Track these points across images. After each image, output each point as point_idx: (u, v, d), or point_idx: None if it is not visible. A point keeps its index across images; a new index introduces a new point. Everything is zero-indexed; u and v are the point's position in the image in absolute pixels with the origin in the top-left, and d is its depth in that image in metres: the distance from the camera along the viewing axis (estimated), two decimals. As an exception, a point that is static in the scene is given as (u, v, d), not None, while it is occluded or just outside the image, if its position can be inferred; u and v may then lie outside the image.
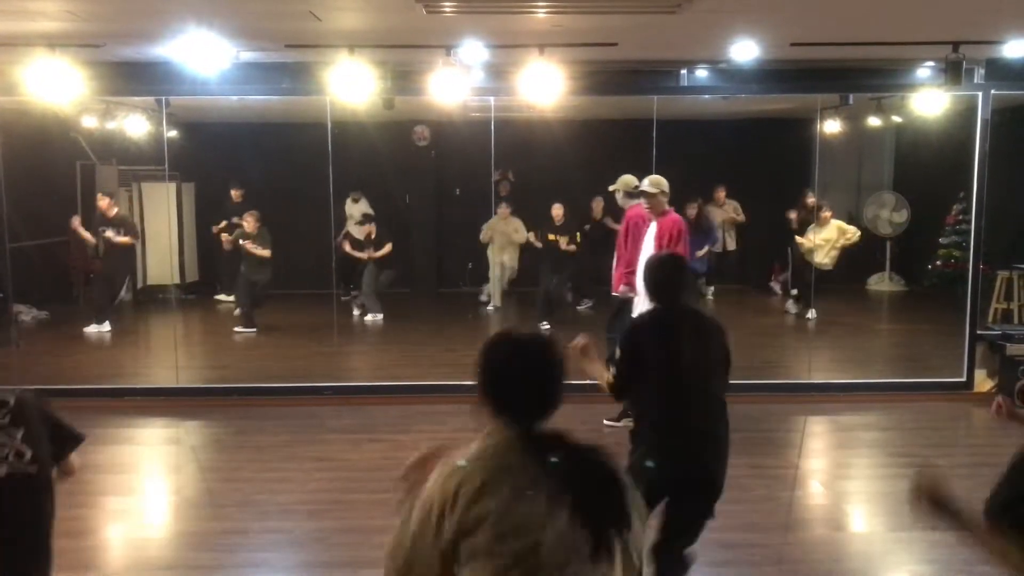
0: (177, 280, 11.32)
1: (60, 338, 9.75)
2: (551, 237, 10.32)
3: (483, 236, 10.88)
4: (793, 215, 10.72)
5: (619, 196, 6.91)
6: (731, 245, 11.70)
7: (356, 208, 11.40)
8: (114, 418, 6.73)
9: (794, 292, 10.60)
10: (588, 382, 3.15)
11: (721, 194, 11.56)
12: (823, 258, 10.16)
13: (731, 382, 3.53)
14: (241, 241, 9.77)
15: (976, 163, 7.29)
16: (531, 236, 10.77)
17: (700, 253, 10.26)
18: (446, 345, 9.72)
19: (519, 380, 1.96)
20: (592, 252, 10.28)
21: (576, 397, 2.17)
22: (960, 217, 10.35)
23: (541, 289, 10.29)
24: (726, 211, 11.55)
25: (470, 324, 10.59)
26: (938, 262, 10.84)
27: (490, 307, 11.25)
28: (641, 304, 6.26)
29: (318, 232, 10.83)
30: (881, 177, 12.96)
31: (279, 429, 6.53)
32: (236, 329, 9.84)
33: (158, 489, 5.77)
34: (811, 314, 10.21)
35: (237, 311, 10.21)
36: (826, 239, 10.14)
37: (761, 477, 5.44)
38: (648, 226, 6.36)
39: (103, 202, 9.88)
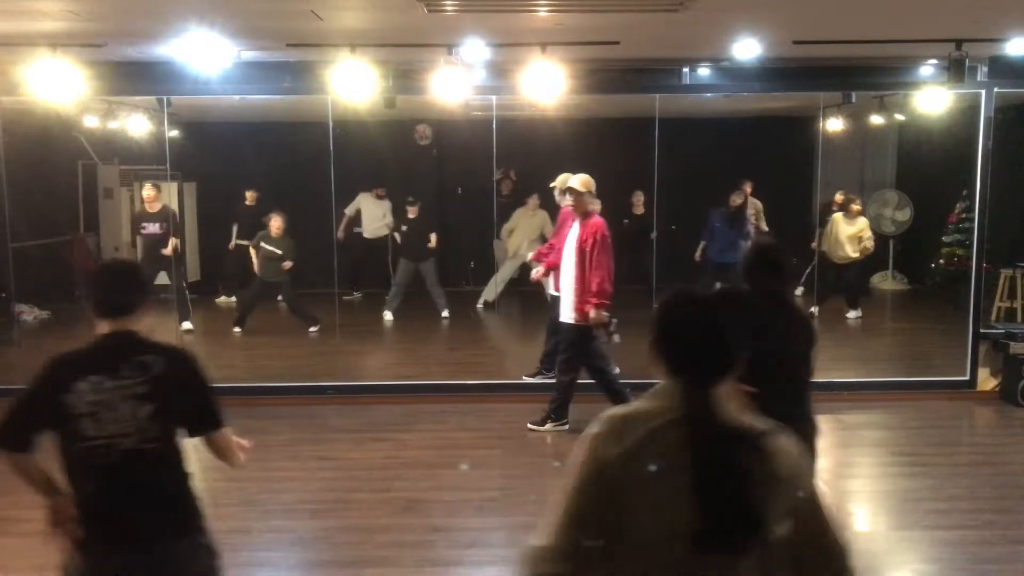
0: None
1: (62, 338, 9.74)
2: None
3: (507, 227, 10.80)
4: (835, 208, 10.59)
5: (557, 193, 6.93)
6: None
7: (378, 206, 11.37)
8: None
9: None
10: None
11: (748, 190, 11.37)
12: (852, 252, 10.12)
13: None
14: (263, 244, 9.68)
15: (979, 161, 7.28)
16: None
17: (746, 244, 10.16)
18: (449, 344, 9.73)
19: (695, 339, 1.87)
20: (632, 247, 10.29)
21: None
22: (963, 215, 10.32)
23: None
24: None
25: (472, 323, 10.58)
26: (941, 260, 10.82)
27: (480, 304, 11.08)
28: (565, 304, 6.30)
29: (320, 231, 10.85)
30: (884, 175, 12.94)
31: (282, 428, 6.53)
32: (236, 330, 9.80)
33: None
34: (851, 313, 10.29)
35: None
36: (854, 234, 10.14)
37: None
38: (571, 225, 6.38)
39: (149, 193, 9.26)
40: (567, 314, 6.32)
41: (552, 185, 6.97)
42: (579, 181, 6.33)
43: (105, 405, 2.50)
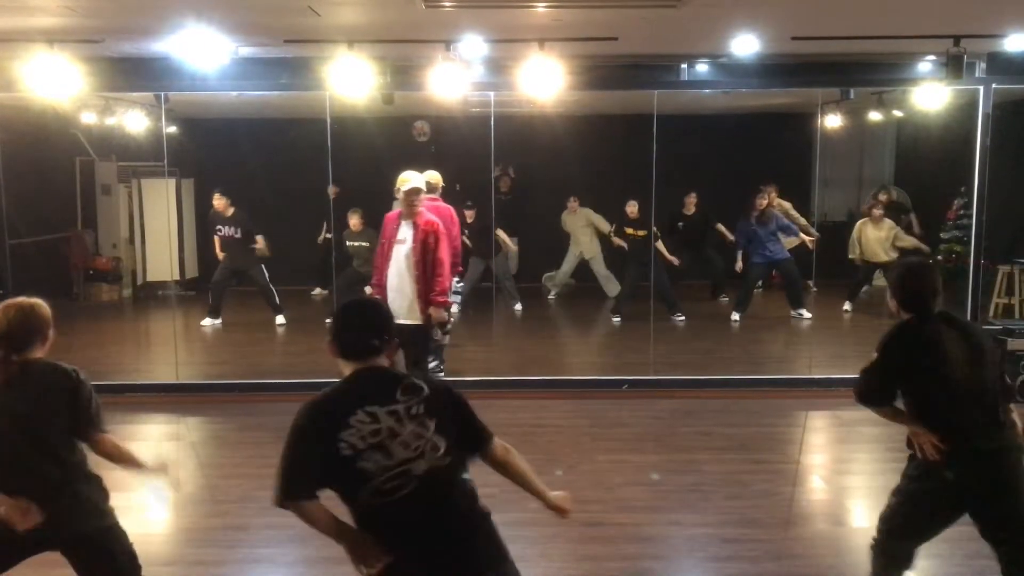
0: (176, 276, 11.31)
1: (59, 334, 9.72)
2: (629, 231, 10.17)
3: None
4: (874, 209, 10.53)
5: (404, 193, 6.31)
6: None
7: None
8: (114, 414, 6.66)
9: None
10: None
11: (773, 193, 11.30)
12: (884, 255, 10.07)
13: (730, 376, 3.52)
14: (348, 242, 9.75)
15: (977, 157, 7.28)
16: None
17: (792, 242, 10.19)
18: (448, 341, 9.71)
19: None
20: (685, 247, 10.47)
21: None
22: (961, 212, 10.34)
23: (626, 284, 10.29)
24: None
25: (469, 319, 10.57)
26: (939, 257, 10.82)
27: (552, 295, 11.77)
28: (402, 307, 5.95)
29: (317, 228, 10.85)
30: (882, 172, 12.94)
31: (280, 425, 6.47)
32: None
33: (158, 485, 5.77)
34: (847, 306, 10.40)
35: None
36: (880, 236, 10.14)
37: (762, 472, 5.44)
38: (396, 227, 6.10)
39: (219, 202, 9.72)
40: (410, 316, 5.99)
41: (407, 188, 6.18)
42: (437, 178, 6.33)
43: (389, 434, 2.43)
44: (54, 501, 2.98)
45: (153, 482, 3.26)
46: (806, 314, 9.96)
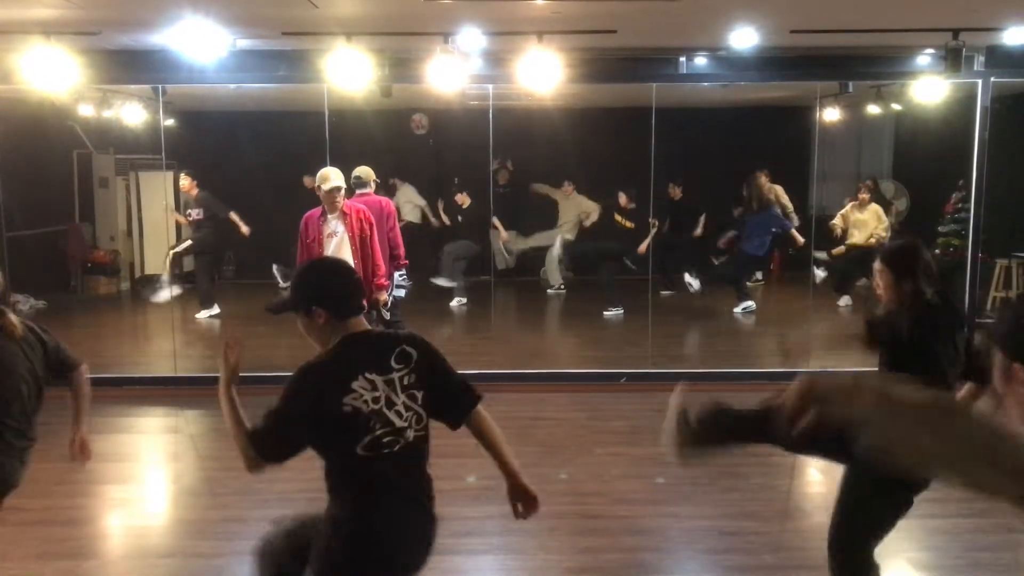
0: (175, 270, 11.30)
1: (57, 327, 9.70)
2: (618, 219, 10.23)
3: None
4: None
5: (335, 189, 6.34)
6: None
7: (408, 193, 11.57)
8: (112, 407, 6.73)
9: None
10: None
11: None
12: (861, 240, 10.15)
13: (728, 370, 3.53)
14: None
15: (975, 151, 7.28)
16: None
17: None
18: (444, 334, 9.72)
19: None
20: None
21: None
22: (959, 205, 10.34)
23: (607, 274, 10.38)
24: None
25: (466, 313, 10.58)
26: (937, 251, 10.82)
27: (551, 291, 11.56)
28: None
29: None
30: (880, 165, 12.94)
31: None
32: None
33: (157, 477, 5.78)
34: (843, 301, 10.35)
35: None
36: (862, 219, 10.16)
37: (759, 465, 5.45)
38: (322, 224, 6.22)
39: (185, 182, 9.73)
40: None
41: (331, 186, 6.23)
42: (368, 172, 6.78)
43: (387, 401, 2.48)
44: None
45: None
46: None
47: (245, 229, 9.90)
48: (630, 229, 10.02)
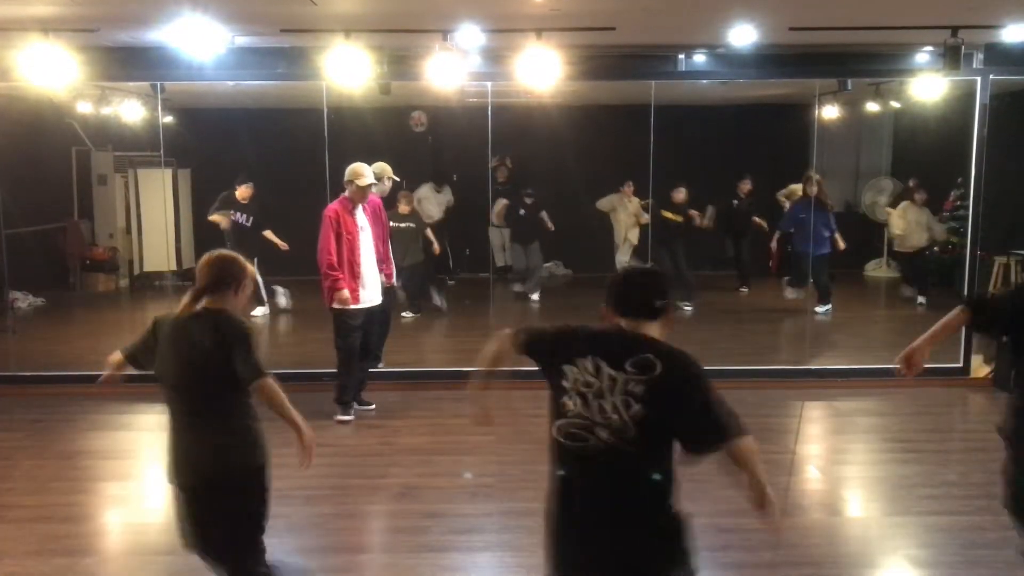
0: (173, 267, 11.29)
1: (56, 324, 9.73)
2: (667, 215, 10.24)
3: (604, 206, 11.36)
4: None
5: (374, 185, 6.58)
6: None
7: (438, 198, 11.45)
8: (112, 404, 6.73)
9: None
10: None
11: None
12: (923, 242, 10.22)
13: (728, 367, 3.53)
14: (393, 223, 9.90)
15: (974, 148, 7.28)
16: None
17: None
18: (444, 331, 9.73)
19: None
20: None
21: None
22: (958, 203, 10.34)
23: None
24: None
25: (467, 310, 10.58)
26: (936, 248, 10.84)
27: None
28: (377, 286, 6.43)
29: (314, 218, 10.80)
30: (879, 162, 12.95)
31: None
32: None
33: (157, 475, 5.77)
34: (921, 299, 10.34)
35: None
36: (920, 220, 10.21)
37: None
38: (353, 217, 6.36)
39: (241, 190, 9.73)
40: (378, 295, 6.48)
41: (368, 182, 6.41)
42: (385, 169, 6.84)
43: (597, 391, 2.44)
44: None
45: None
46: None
47: (283, 245, 9.77)
48: (679, 223, 10.10)
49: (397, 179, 7.22)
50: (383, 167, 6.92)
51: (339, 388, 6.49)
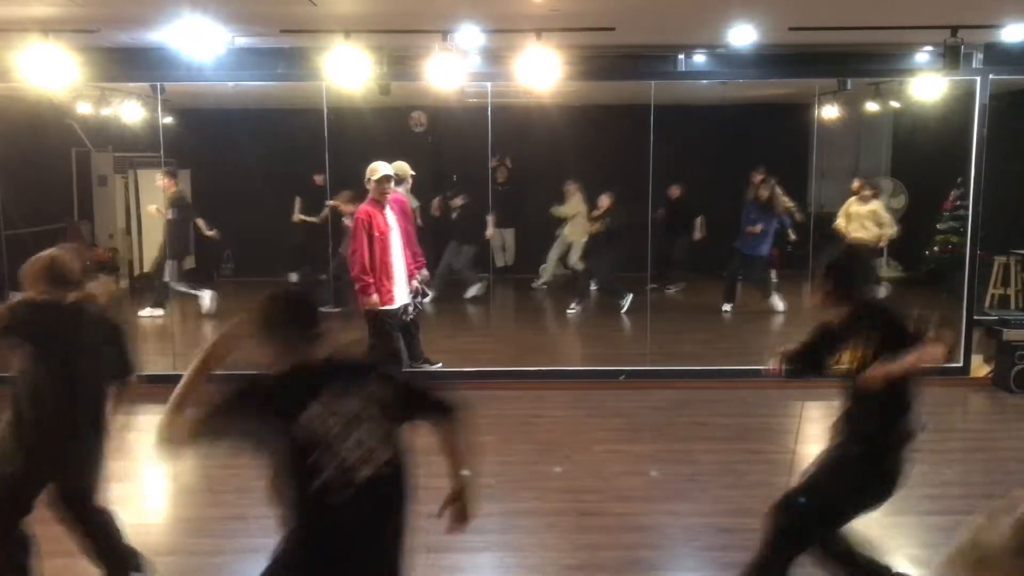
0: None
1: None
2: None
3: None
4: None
5: (390, 183, 6.65)
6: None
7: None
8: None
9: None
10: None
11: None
12: (869, 238, 10.20)
13: (726, 367, 3.54)
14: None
15: (974, 148, 7.28)
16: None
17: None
18: (443, 331, 9.72)
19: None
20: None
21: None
22: (958, 203, 10.34)
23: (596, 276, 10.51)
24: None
25: (468, 310, 10.58)
26: (935, 248, 10.83)
27: (540, 284, 11.68)
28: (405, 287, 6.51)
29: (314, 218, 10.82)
30: (879, 162, 12.94)
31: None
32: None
33: (156, 475, 5.78)
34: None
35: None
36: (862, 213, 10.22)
37: (758, 463, 5.46)
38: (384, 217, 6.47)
39: (163, 181, 9.72)
40: (406, 293, 6.56)
41: (382, 174, 6.54)
42: (405, 169, 6.98)
43: (339, 429, 2.38)
44: None
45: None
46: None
47: (210, 232, 9.93)
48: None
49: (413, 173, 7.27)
50: (402, 166, 6.94)
51: None
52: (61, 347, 3.46)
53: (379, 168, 6.51)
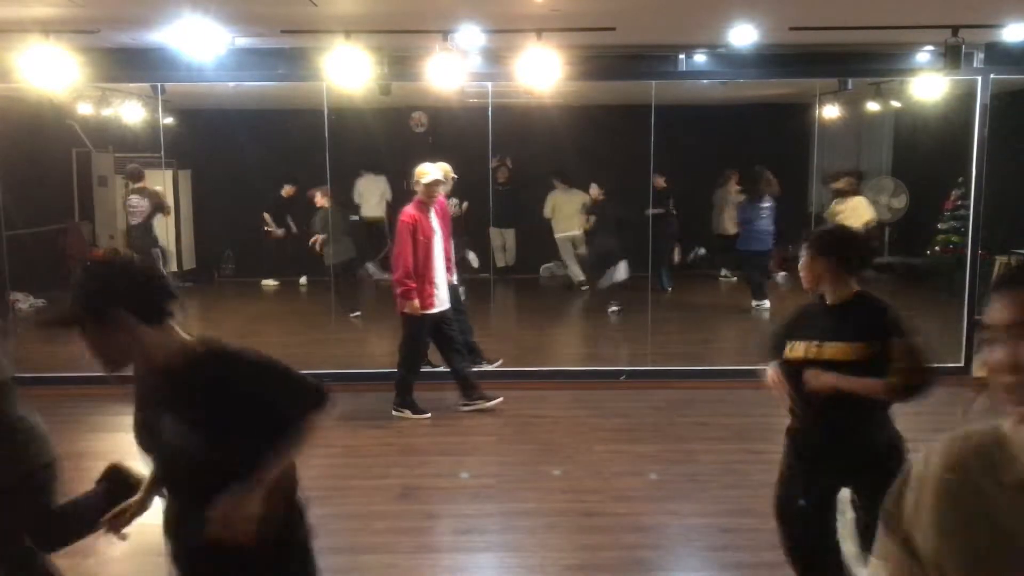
0: (174, 267, 11.30)
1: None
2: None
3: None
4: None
5: (439, 185, 6.51)
6: (732, 229, 11.63)
7: (376, 184, 11.61)
8: (112, 406, 6.72)
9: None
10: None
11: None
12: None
13: (727, 367, 3.54)
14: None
15: (975, 148, 7.28)
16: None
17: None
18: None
19: None
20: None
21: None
22: (959, 202, 10.33)
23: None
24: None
25: (467, 310, 10.57)
26: (936, 247, 10.82)
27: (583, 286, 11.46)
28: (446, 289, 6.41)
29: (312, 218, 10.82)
30: (880, 162, 12.93)
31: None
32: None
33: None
34: None
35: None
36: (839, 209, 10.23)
37: (759, 462, 5.44)
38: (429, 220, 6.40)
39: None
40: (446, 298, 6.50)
41: (433, 178, 6.36)
42: (448, 170, 6.76)
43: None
44: None
45: None
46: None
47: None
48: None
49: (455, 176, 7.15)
50: (446, 167, 6.92)
51: (404, 388, 6.51)
52: None
53: (429, 171, 6.31)
